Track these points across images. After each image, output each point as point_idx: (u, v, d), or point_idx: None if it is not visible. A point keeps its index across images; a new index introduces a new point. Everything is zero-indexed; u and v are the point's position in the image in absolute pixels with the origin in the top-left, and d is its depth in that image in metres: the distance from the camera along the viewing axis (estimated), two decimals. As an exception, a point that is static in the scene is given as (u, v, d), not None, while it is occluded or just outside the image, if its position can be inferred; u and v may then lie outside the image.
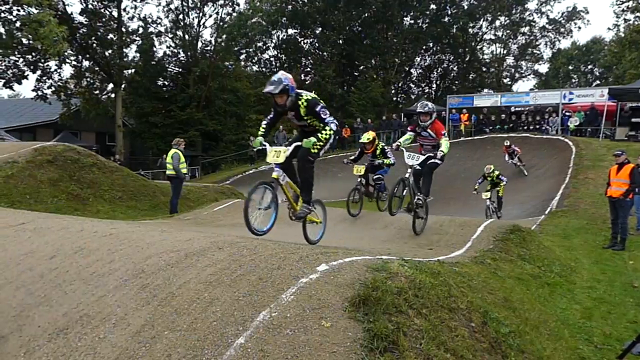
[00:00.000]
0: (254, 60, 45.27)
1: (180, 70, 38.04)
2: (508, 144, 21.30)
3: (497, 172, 15.48)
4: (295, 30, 44.46)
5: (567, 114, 25.35)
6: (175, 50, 37.77)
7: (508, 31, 45.52)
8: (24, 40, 24.28)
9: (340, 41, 42.38)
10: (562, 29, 45.75)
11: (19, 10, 24.41)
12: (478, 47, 46.44)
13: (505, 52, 47.21)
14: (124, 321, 3.02)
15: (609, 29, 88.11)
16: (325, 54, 43.62)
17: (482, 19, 44.54)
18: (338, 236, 7.46)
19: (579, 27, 46.70)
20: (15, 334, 3.11)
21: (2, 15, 24.53)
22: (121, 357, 2.73)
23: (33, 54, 26.03)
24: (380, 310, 2.97)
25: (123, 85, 33.74)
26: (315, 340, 2.69)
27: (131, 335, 2.88)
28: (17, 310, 3.34)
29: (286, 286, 3.13)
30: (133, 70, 35.13)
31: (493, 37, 46.22)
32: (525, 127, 25.93)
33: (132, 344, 2.81)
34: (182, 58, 37.93)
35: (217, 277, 3.34)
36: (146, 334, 2.86)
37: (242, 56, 42.51)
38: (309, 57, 45.61)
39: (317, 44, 44.27)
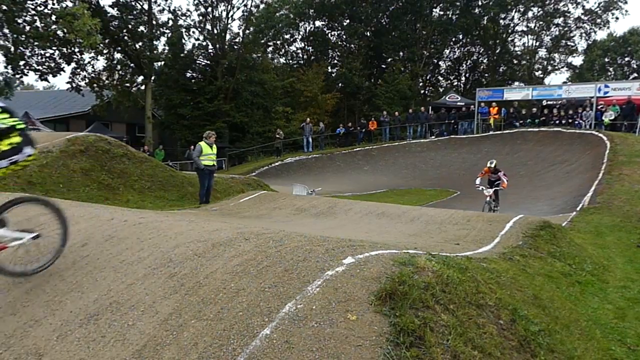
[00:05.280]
0: (281, 52, 45.31)
1: (208, 62, 38.36)
2: (493, 165, 13.28)
3: None
4: (323, 22, 44.19)
5: (600, 108, 24.54)
6: (204, 43, 38.14)
7: (541, 22, 44.00)
8: (59, 33, 24.92)
9: (368, 33, 41.95)
10: (599, 20, 43.93)
11: (53, 4, 25.11)
12: (509, 39, 45.11)
13: (537, 44, 45.70)
14: (152, 309, 3.07)
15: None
16: (352, 46, 43.26)
17: (514, 10, 43.17)
18: (364, 229, 7.42)
19: (617, 18, 43.98)
20: (48, 319, 3.20)
21: (39, 9, 25.24)
22: (149, 344, 2.78)
23: (68, 46, 26.69)
24: (407, 304, 2.93)
25: (153, 77, 34.26)
26: (340, 333, 2.68)
27: (159, 323, 2.92)
28: (51, 295, 3.43)
29: (312, 278, 3.13)
30: (163, 62, 35.64)
31: (525, 29, 44.77)
32: (558, 122, 25.21)
33: (160, 331, 2.86)
34: (210, 50, 38.25)
35: (243, 267, 3.36)
36: (173, 322, 2.91)
37: (269, 48, 42.65)
38: (336, 49, 45.30)
39: (344, 36, 43.90)
